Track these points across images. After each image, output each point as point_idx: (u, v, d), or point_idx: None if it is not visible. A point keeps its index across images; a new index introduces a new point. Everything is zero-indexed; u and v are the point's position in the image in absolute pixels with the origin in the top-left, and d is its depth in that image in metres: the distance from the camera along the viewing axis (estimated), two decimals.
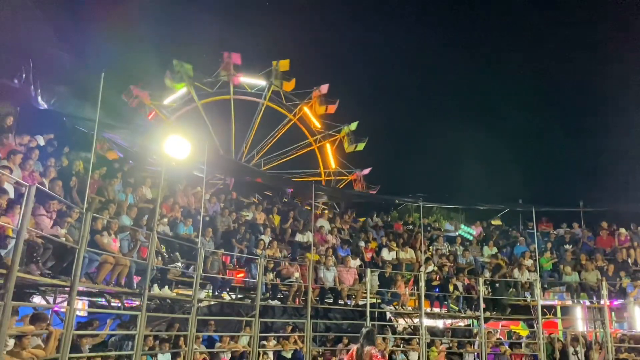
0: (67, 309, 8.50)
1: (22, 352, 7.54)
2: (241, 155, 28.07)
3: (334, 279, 15.49)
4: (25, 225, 7.12)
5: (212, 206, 16.32)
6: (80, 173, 12.58)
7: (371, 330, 8.34)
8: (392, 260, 17.29)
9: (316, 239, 16.81)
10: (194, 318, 11.61)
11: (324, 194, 21.63)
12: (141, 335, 10.09)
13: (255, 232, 16.04)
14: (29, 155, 10.70)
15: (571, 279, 17.03)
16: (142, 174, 15.57)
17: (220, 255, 13.87)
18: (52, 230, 9.18)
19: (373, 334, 8.35)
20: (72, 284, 8.57)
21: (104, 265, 9.93)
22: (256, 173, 21.51)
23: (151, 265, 10.64)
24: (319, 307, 15.25)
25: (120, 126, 14.24)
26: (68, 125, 14.14)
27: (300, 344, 14.09)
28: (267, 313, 14.53)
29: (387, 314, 16.66)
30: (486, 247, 19.01)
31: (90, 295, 11.97)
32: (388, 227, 20.93)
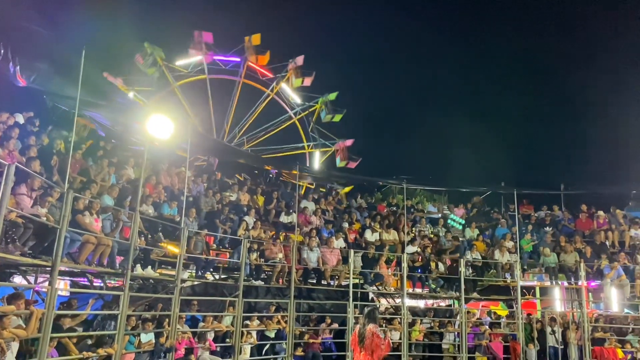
0: (49, 289, 8.46)
1: (2, 332, 7.50)
2: (223, 135, 27.86)
3: (318, 260, 15.59)
4: (4, 205, 7.03)
5: (196, 186, 16.24)
6: (62, 152, 12.40)
7: (372, 310, 8.55)
8: (375, 242, 17.42)
9: (300, 220, 16.85)
10: (177, 298, 11.63)
11: (308, 175, 21.65)
12: (124, 315, 10.10)
13: (239, 213, 16.03)
14: (8, 133, 10.52)
15: (550, 261, 17.34)
16: (125, 154, 15.41)
17: (204, 235, 13.86)
18: (32, 210, 9.08)
19: (375, 313, 8.56)
20: (53, 264, 8.51)
21: (85, 245, 9.86)
22: (239, 153, 21.41)
23: (134, 245, 10.60)
24: (302, 288, 15.38)
25: (101, 104, 14.02)
26: (48, 103, 13.90)
27: (283, 324, 14.22)
28: (250, 293, 14.60)
29: (370, 294, 16.85)
30: (468, 229, 19.23)
31: (72, 275, 11.89)
32: (372, 208, 21.06)
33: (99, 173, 12.99)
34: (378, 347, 8.01)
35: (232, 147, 23.47)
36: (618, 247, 18.02)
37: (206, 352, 12.57)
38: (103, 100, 14.20)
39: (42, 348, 8.17)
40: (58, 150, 12.37)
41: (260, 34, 27.49)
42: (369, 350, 7.97)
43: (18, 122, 12.12)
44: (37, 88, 12.98)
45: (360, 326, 8.29)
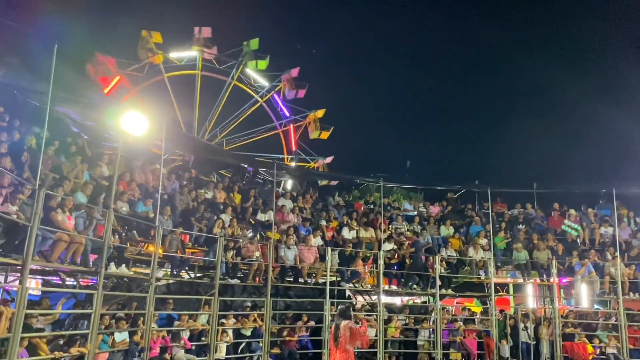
0: (19, 288, 8.28)
1: None
2: (204, 133, 27.64)
3: (295, 258, 15.59)
4: None
5: (171, 184, 16.06)
6: (33, 148, 12.14)
7: (345, 308, 8.83)
8: (352, 239, 17.49)
9: (277, 218, 16.82)
10: (152, 297, 11.51)
11: (285, 173, 21.60)
12: (97, 315, 9.96)
13: (215, 211, 15.91)
14: None
15: (522, 257, 17.65)
16: (98, 150, 15.15)
17: (179, 233, 13.72)
18: (2, 208, 8.89)
19: (348, 310, 8.81)
20: (24, 262, 8.34)
21: (58, 244, 9.68)
22: (217, 152, 21.25)
23: (107, 243, 10.45)
24: (279, 286, 15.36)
25: (74, 100, 13.75)
26: (19, 99, 13.56)
27: (259, 322, 14.19)
28: (226, 292, 14.53)
29: (347, 291, 16.92)
30: (443, 227, 19.45)
31: (44, 274, 11.67)
32: (349, 206, 21.13)
33: (72, 170, 12.74)
34: (356, 335, 8.21)
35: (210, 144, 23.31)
36: (589, 245, 18.45)
37: (181, 351, 12.47)
38: (76, 96, 13.93)
39: (12, 348, 8.00)
40: (29, 147, 12.10)
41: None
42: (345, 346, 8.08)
43: None
44: (7, 83, 12.67)
45: (334, 326, 8.45)
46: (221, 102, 28.32)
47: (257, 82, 28.67)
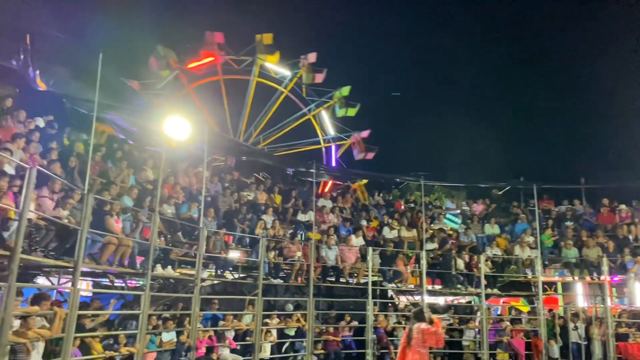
0: (71, 290, 8.58)
1: (27, 333, 7.64)
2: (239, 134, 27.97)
3: (336, 258, 15.59)
4: (27, 208, 7.14)
5: (214, 186, 16.35)
6: (81, 154, 12.57)
7: (419, 311, 8.88)
8: (393, 239, 17.36)
9: (317, 218, 16.86)
10: (197, 297, 11.72)
11: (325, 174, 21.64)
12: (145, 315, 10.20)
13: (256, 212, 16.09)
14: (30, 137, 10.69)
15: (571, 255, 17.10)
16: (143, 155, 15.57)
17: (222, 235, 13.94)
18: (54, 212, 9.22)
19: (422, 312, 8.84)
20: (75, 265, 8.63)
21: (107, 246, 10.00)
22: (256, 152, 21.46)
23: (154, 245, 10.71)
24: (321, 286, 15.39)
25: (119, 107, 14.18)
26: (67, 107, 14.08)
27: (303, 322, 14.25)
28: (269, 292, 14.65)
29: (389, 291, 16.80)
30: (487, 225, 19.05)
31: (94, 275, 12.07)
32: (389, 205, 20.98)
33: (119, 174, 13.15)
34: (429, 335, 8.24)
35: (249, 146, 23.55)
36: None
37: (227, 350, 12.66)
38: (121, 103, 14.38)
39: (66, 348, 8.29)
40: (78, 153, 12.54)
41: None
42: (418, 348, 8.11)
43: (38, 126, 12.33)
44: (56, 92, 13.19)
45: (409, 326, 8.55)
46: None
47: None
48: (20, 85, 13.23)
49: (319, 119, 29.02)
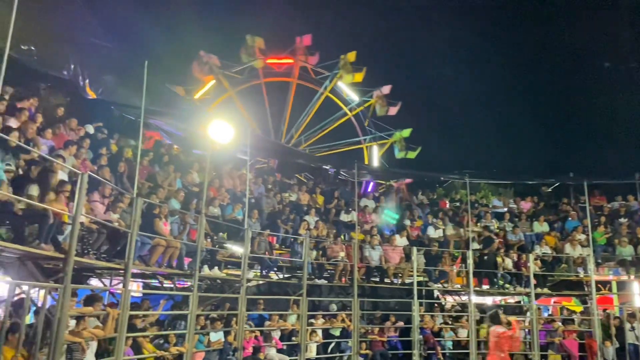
0: (123, 291, 8.86)
1: (82, 332, 7.93)
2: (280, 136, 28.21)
3: (380, 258, 15.50)
4: (79, 212, 7.42)
5: (257, 188, 16.55)
6: (130, 159, 12.96)
7: (495, 313, 8.78)
8: (438, 238, 17.11)
9: (360, 218, 16.79)
10: (243, 297, 11.89)
11: (367, 173, 21.55)
12: (193, 315, 10.42)
13: (299, 213, 16.19)
14: (80, 144, 11.10)
15: (626, 253, 16.41)
16: (189, 159, 15.93)
17: (267, 235, 14.09)
18: (105, 216, 9.54)
19: (498, 315, 8.76)
20: (126, 266, 8.91)
21: (156, 248, 10.28)
22: (297, 153, 21.60)
23: (200, 246, 10.93)
24: (365, 286, 15.32)
25: (165, 112, 14.58)
26: (116, 113, 14.58)
27: (347, 322, 14.23)
28: (314, 292, 14.69)
29: (435, 291, 16.57)
30: (536, 223, 18.51)
31: (144, 277, 12.42)
32: (434, 204, 20.69)
33: (166, 178, 13.49)
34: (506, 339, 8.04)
35: (290, 147, 23.73)
36: None
37: (273, 350, 12.78)
38: (167, 109, 14.78)
39: (119, 347, 8.57)
40: (126, 158, 12.93)
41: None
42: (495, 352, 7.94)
43: (88, 133, 12.77)
44: (104, 99, 13.68)
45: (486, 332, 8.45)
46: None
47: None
48: (71, 94, 13.82)
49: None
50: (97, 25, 13.12)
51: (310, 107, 29.08)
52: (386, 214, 17.27)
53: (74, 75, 12.64)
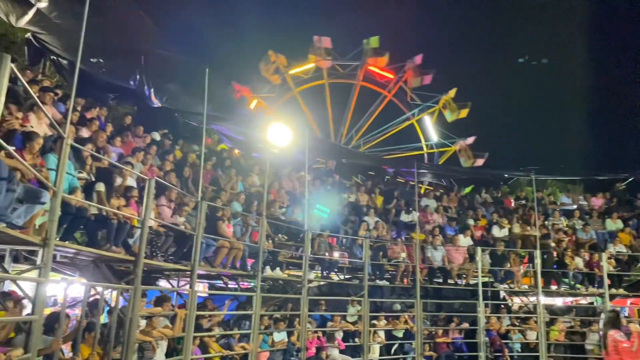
0: (190, 291, 9.16)
1: (152, 332, 8.26)
2: (340, 137, 28.25)
3: (443, 259, 15.19)
4: (148, 216, 7.73)
5: (316, 189, 16.63)
6: (195, 164, 13.39)
7: (615, 316, 7.82)
8: (504, 238, 16.58)
9: (421, 218, 16.53)
10: (305, 298, 11.99)
11: (427, 172, 21.20)
12: (257, 315, 10.62)
13: (359, 214, 16.14)
14: (147, 150, 11.57)
15: None
16: (249, 162, 16.28)
17: (326, 237, 14.14)
18: (172, 219, 9.90)
19: (614, 318, 7.78)
20: (192, 268, 9.21)
21: (220, 250, 10.57)
22: (355, 155, 21.57)
23: (262, 248, 11.13)
24: (428, 287, 15.06)
25: (226, 117, 14.96)
26: (179, 120, 15.11)
27: (411, 324, 14.04)
28: (375, 293, 14.59)
29: (501, 292, 16.06)
30: (609, 220, 17.56)
31: (209, 278, 12.79)
32: (498, 203, 20.08)
33: (228, 182, 13.84)
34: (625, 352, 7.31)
35: (349, 149, 23.75)
36: None
37: (336, 351, 12.80)
38: (227, 114, 15.16)
39: (187, 346, 8.86)
40: (191, 163, 13.36)
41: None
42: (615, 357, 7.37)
43: (154, 139, 13.30)
44: (169, 107, 14.21)
45: (602, 333, 7.67)
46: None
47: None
48: (138, 102, 14.47)
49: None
50: (160, 35, 13.65)
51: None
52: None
53: (140, 85, 13.21)
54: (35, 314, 5.39)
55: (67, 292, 7.67)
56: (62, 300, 8.11)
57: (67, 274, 9.32)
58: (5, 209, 5.06)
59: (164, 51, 13.46)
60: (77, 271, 9.11)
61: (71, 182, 7.36)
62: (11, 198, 5.24)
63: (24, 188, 5.71)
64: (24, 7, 10.80)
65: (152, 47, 13.28)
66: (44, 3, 10.91)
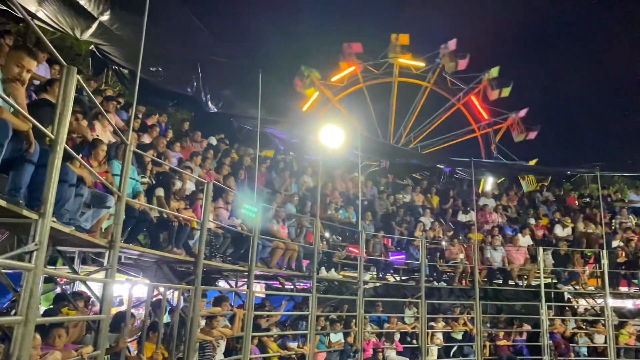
0: (247, 292, 9.34)
1: (212, 331, 8.47)
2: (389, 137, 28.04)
3: (502, 259, 14.76)
4: (206, 218, 7.95)
5: (369, 190, 16.58)
6: (251, 167, 13.66)
7: None
8: (567, 237, 15.92)
9: (479, 218, 16.12)
10: (361, 299, 11.96)
11: (485, 170, 20.67)
12: (313, 316, 10.69)
13: (414, 214, 15.95)
14: (205, 155, 11.90)
15: None
16: (302, 164, 16.42)
17: (381, 237, 14.05)
18: (229, 221, 10.13)
19: None
20: (249, 268, 9.38)
21: (276, 251, 10.72)
22: (409, 153, 21.31)
23: (317, 249, 11.19)
24: (488, 288, 14.67)
25: (278, 121, 15.17)
26: (235, 125, 15.45)
27: (470, 326, 13.73)
28: (433, 294, 14.36)
29: (565, 294, 15.42)
30: None
31: (266, 278, 12.99)
32: (560, 201, 19.31)
33: (282, 184, 14.02)
34: None
35: (401, 148, 23.52)
36: None
37: (393, 353, 12.70)
38: (280, 117, 15.37)
39: (246, 345, 9.04)
40: (246, 166, 13.63)
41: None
42: None
43: (211, 144, 13.66)
44: (224, 112, 14.57)
45: None
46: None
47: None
48: (195, 108, 14.93)
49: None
50: (215, 43, 14.03)
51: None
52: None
53: (197, 92, 13.62)
54: (103, 313, 5.64)
55: (132, 292, 8.00)
56: (127, 300, 8.47)
57: (131, 275, 9.73)
58: (74, 213, 5.34)
59: (219, 58, 13.81)
60: (141, 272, 9.50)
61: (134, 186, 7.67)
62: (79, 203, 5.52)
63: (91, 193, 6.00)
64: (87, 21, 11.37)
65: (207, 55, 13.66)
66: (106, 16, 11.44)
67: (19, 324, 3.69)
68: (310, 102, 27.08)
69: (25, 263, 3.81)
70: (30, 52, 4.47)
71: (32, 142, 4.16)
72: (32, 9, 10.11)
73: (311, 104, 27.15)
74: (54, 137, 4.00)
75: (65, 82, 4.05)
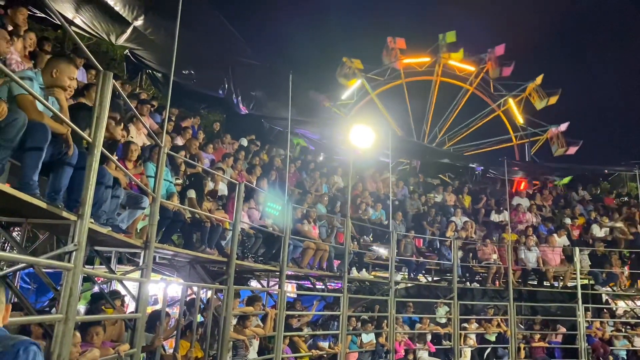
0: (279, 292, 9.41)
1: (245, 331, 8.56)
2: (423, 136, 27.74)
3: (537, 260, 14.47)
4: (239, 219, 8.04)
5: (400, 190, 16.47)
6: (280, 168, 13.75)
7: None
8: (605, 237, 15.49)
9: (513, 218, 15.84)
10: (392, 300, 11.91)
11: (518, 170, 20.28)
12: (345, 316, 10.69)
13: (446, 214, 15.77)
14: (236, 156, 12.03)
15: None
16: (332, 164, 16.43)
17: (412, 238, 13.95)
18: (260, 222, 10.22)
19: None
20: (281, 268, 9.45)
21: (307, 251, 10.77)
22: (441, 153, 21.08)
23: (348, 249, 11.19)
24: (522, 290, 14.40)
25: (309, 121, 15.22)
26: (265, 126, 15.58)
27: (504, 327, 13.50)
28: (465, 295, 14.18)
29: (603, 296, 15.01)
30: None
31: (297, 278, 13.04)
32: (597, 200, 18.80)
33: (313, 184, 14.06)
34: None
35: (433, 147, 23.25)
36: None
37: (425, 354, 12.60)
38: (310, 117, 15.43)
39: (278, 345, 9.10)
40: (277, 167, 13.72)
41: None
42: None
43: (242, 145, 13.80)
44: (255, 114, 14.71)
45: None
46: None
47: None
48: (227, 110, 15.11)
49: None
50: (246, 45, 14.18)
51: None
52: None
53: (228, 94, 13.80)
54: (138, 311, 5.77)
55: (166, 291, 8.15)
56: (162, 299, 8.63)
57: (166, 275, 9.91)
58: (111, 214, 5.48)
59: (250, 60, 13.97)
60: (175, 272, 9.67)
61: (168, 188, 7.82)
62: (116, 204, 5.67)
63: (127, 194, 6.15)
64: (122, 26, 11.66)
65: (238, 58, 13.83)
66: (140, 21, 11.70)
67: (59, 321, 3.81)
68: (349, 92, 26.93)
69: (64, 263, 3.93)
70: (71, 60, 4.62)
71: (71, 145, 4.29)
72: (70, 16, 10.43)
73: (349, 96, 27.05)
74: (92, 141, 4.12)
75: (102, 87, 4.16)
